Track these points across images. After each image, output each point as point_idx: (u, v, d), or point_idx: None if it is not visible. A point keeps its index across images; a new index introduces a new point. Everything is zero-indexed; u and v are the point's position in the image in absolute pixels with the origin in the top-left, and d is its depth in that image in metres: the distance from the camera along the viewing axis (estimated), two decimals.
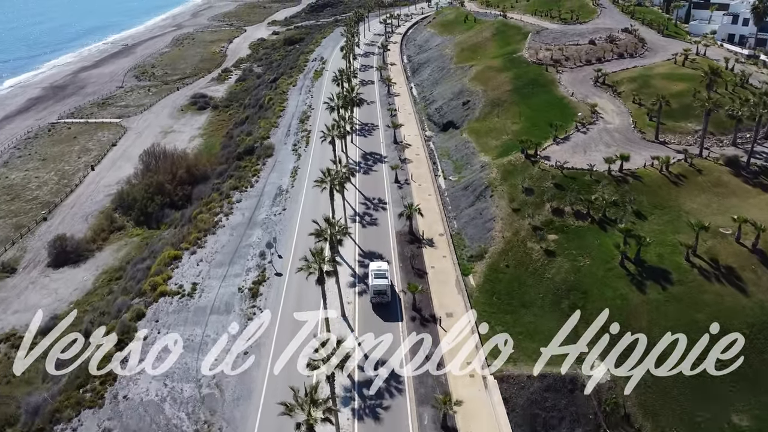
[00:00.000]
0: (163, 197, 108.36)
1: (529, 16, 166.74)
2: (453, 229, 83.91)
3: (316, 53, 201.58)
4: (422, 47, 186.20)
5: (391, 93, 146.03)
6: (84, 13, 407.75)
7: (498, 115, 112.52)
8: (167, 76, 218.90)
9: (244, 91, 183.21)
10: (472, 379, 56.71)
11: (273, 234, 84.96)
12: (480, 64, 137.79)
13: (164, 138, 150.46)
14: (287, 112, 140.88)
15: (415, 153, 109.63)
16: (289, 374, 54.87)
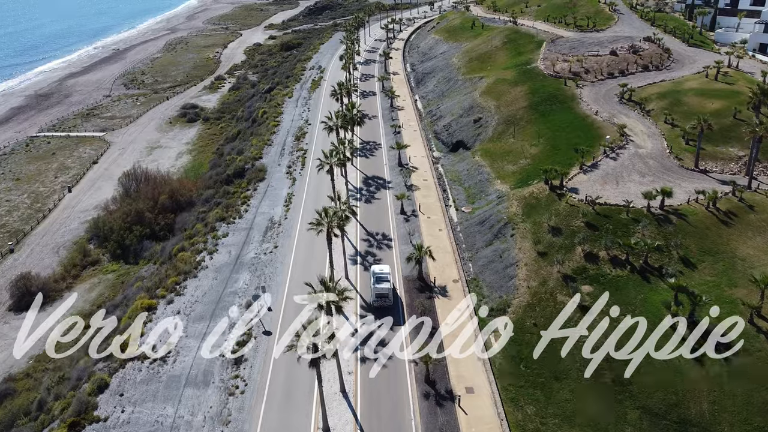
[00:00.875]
0: (143, 227, 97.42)
1: (542, 23, 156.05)
2: (469, 274, 73.13)
3: (314, 61, 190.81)
4: (426, 55, 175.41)
5: (394, 106, 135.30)
6: (78, 16, 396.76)
7: (514, 135, 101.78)
8: (157, 84, 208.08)
9: (237, 101, 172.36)
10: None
11: (262, 279, 74.14)
12: (491, 76, 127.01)
13: (149, 154, 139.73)
14: (282, 128, 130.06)
15: (423, 178, 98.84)
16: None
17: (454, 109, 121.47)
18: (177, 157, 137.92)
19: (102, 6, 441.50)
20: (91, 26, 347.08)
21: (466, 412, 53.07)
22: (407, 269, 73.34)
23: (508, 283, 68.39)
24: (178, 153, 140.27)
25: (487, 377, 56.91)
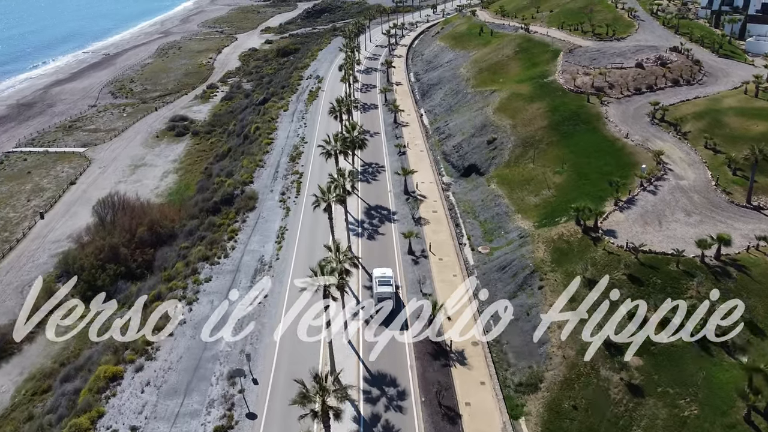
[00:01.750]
0: (118, 265, 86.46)
1: (556, 30, 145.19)
2: (490, 333, 62.29)
3: (312, 69, 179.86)
4: (431, 63, 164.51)
5: (398, 122, 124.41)
6: (74, 19, 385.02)
7: (533, 160, 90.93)
8: (146, 92, 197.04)
9: (229, 113, 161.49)
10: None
11: (247, 340, 63.29)
12: (504, 90, 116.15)
13: (133, 173, 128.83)
14: (276, 146, 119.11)
15: (432, 209, 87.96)
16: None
17: (464, 128, 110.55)
18: (162, 176, 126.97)
19: (101, 8, 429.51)
20: (85, 29, 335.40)
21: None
22: (418, 327, 62.41)
23: (539, 350, 57.70)
24: (163, 172, 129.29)
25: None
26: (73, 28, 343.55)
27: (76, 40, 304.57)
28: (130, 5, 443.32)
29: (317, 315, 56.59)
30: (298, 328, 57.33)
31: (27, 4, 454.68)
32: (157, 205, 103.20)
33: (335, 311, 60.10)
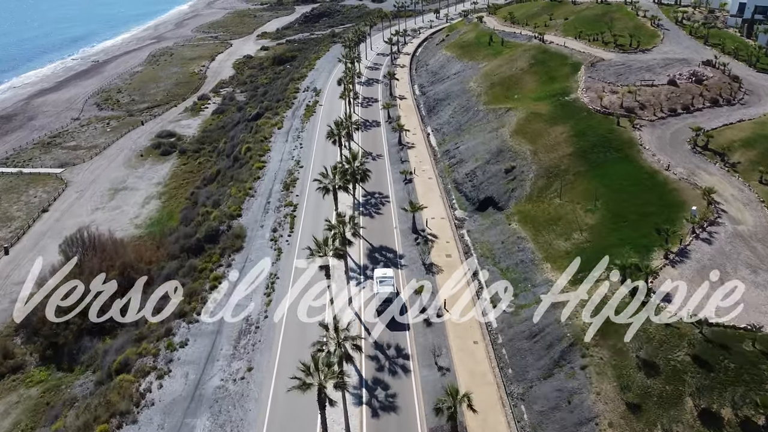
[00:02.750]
0: (84, 318, 75.02)
1: (573, 40, 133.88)
2: (524, 426, 50.96)
3: (309, 80, 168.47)
4: (437, 75, 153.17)
5: (402, 143, 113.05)
6: (60, 22, 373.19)
7: (559, 194, 79.57)
8: (134, 104, 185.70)
9: (220, 128, 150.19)
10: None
11: (226, 430, 51.92)
12: (520, 109, 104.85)
13: (112, 199, 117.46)
14: (268, 171, 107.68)
15: (445, 252, 76.58)
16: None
17: (477, 152, 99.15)
18: (144, 203, 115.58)
19: (94, 12, 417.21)
20: (77, 34, 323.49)
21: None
22: (433, 419, 51.05)
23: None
24: (145, 197, 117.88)
25: None
26: (64, 32, 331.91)
27: (66, 46, 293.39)
28: (125, 9, 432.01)
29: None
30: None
31: (14, 5, 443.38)
32: (133, 243, 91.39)
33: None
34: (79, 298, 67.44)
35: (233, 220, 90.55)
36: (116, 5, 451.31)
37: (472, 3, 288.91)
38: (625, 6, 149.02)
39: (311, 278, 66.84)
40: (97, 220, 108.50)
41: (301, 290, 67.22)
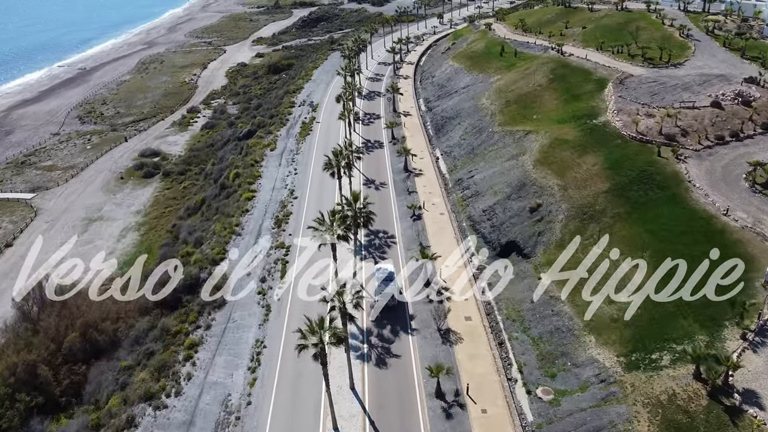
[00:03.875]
0: (34, 394, 63.12)
1: (595, 52, 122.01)
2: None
3: (305, 92, 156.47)
4: (444, 88, 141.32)
5: (409, 169, 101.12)
6: (50, 26, 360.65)
7: (596, 240, 67.65)
8: (118, 117, 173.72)
9: (209, 146, 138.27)
10: None
11: None
12: (542, 133, 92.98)
13: (85, 231, 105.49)
14: (258, 203, 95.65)
15: (464, 314, 64.62)
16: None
17: (495, 183, 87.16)
18: (120, 235, 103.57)
19: (86, 15, 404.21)
20: (65, 39, 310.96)
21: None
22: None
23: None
24: (123, 229, 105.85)
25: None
26: (52, 37, 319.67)
27: (52, 52, 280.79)
28: (118, 12, 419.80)
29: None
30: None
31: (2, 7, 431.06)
32: (100, 291, 79.10)
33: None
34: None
35: (216, 266, 78.53)
36: (109, 8, 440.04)
37: (476, 7, 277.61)
38: (649, 14, 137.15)
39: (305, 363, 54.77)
40: (66, 258, 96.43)
41: (291, 362, 55.44)
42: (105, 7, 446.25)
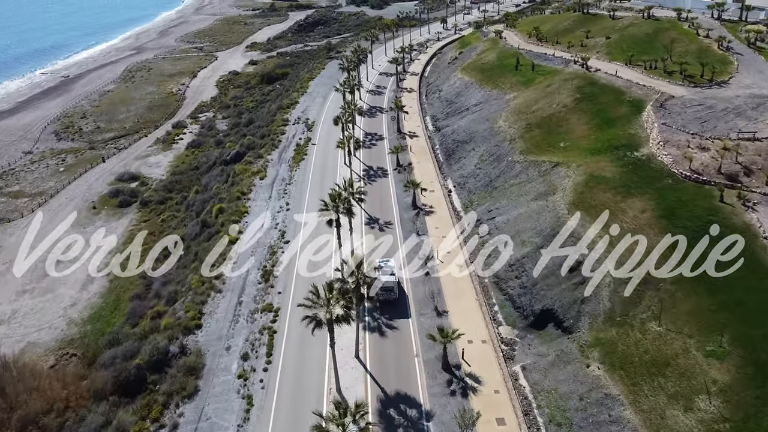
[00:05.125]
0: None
1: (624, 67, 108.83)
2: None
3: (300, 107, 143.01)
4: (453, 104, 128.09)
5: (418, 205, 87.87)
6: (38, 30, 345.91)
7: (657, 316, 54.48)
8: (98, 132, 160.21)
9: (193, 170, 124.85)
10: None
11: None
12: (574, 166, 79.81)
13: (46, 276, 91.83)
14: (243, 247, 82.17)
15: (495, 413, 51.32)
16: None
17: (522, 229, 73.84)
18: (86, 281, 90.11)
19: (76, 18, 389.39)
20: (53, 43, 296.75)
21: None
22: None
23: None
24: (90, 273, 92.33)
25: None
26: (37, 41, 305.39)
27: (36, 58, 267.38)
28: (109, 15, 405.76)
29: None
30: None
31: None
32: (48, 375, 65.39)
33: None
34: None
35: (189, 335, 65.23)
36: (101, 10, 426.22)
37: (481, 11, 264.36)
38: (680, 23, 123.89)
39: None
40: (20, 312, 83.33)
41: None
42: (97, 9, 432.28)
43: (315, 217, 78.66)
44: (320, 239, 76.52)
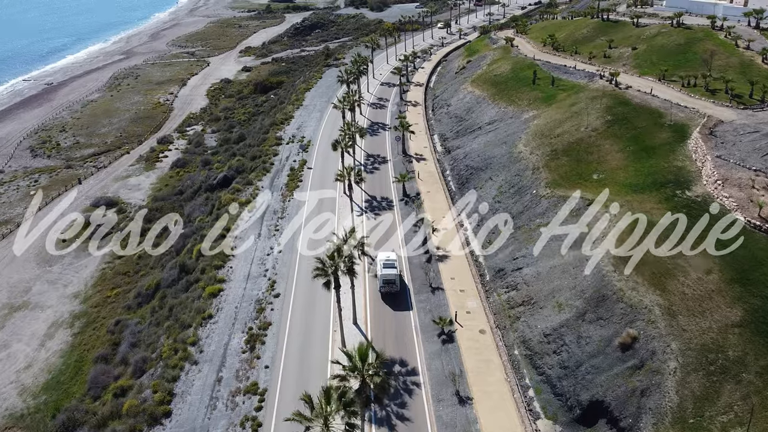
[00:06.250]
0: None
1: (658, 83, 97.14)
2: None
3: (295, 124, 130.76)
4: (464, 122, 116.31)
5: (430, 250, 75.80)
6: (27, 33, 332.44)
7: (748, 426, 42.50)
8: (77, 148, 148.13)
9: (176, 194, 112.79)
10: None
11: None
12: (614, 207, 67.74)
13: (2, 326, 79.81)
14: (226, 302, 70.16)
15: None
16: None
17: (557, 288, 61.86)
18: (46, 335, 78.23)
19: (67, 21, 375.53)
20: (40, 47, 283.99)
21: None
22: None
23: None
24: (52, 323, 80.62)
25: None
26: (24, 44, 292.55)
27: (20, 62, 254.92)
28: (101, 17, 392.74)
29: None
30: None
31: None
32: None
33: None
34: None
35: (155, 426, 53.24)
36: (92, 13, 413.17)
37: (486, 14, 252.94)
38: (714, 32, 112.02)
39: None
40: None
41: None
42: (89, 11, 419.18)
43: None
44: (318, 297, 64.80)
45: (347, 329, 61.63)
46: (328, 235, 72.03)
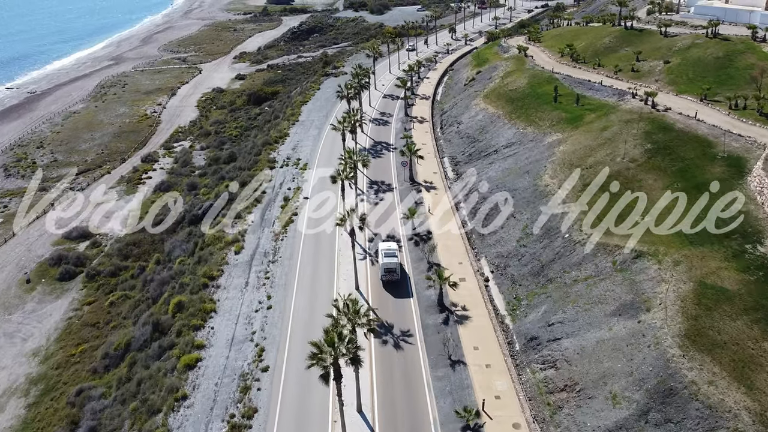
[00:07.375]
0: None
1: (698, 103, 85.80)
2: None
3: (290, 143, 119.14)
4: (477, 143, 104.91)
5: (446, 305, 64.38)
6: (16, 35, 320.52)
7: None
8: (54, 167, 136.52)
9: (157, 223, 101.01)
10: None
11: None
12: (670, 263, 56.54)
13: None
14: (204, 375, 58.60)
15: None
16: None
17: (608, 372, 50.37)
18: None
19: (61, 23, 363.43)
20: (28, 51, 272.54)
21: None
22: None
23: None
24: (1, 393, 68.81)
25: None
26: (10, 49, 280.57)
27: (5, 69, 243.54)
28: (94, 19, 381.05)
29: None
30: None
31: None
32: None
33: None
34: None
35: None
36: (84, 14, 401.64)
37: (492, 18, 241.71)
38: (756, 44, 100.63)
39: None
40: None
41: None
42: (82, 12, 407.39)
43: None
44: (314, 371, 53.23)
45: (350, 419, 50.25)
46: (331, 300, 60.31)
